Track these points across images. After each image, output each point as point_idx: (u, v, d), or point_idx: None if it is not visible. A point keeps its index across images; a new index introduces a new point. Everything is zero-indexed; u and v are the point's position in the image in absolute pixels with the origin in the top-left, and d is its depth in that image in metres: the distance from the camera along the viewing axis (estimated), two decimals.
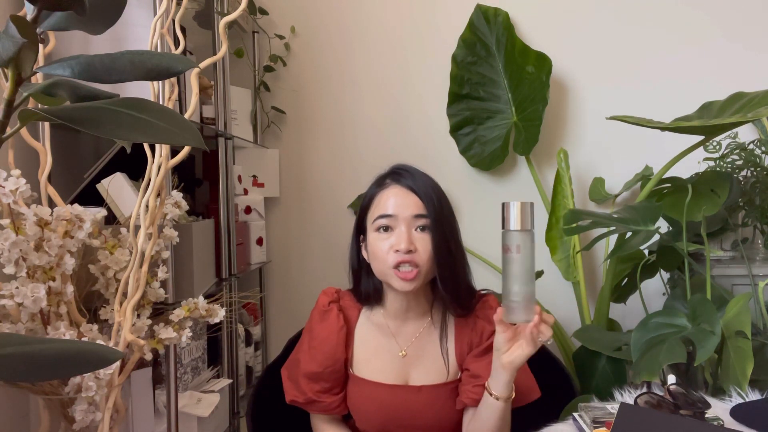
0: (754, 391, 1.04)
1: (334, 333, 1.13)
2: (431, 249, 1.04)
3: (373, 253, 1.07)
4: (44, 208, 0.91)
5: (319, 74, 2.19)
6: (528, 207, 0.92)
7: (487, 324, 1.12)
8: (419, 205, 1.05)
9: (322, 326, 1.15)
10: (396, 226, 1.05)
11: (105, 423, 0.95)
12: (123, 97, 0.50)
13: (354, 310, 1.17)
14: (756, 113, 1.32)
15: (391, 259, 1.03)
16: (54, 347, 0.47)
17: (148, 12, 1.29)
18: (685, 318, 1.31)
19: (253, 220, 2.05)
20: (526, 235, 0.92)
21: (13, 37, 0.43)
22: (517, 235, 0.92)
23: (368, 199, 1.11)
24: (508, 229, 0.93)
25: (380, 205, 1.07)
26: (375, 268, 1.08)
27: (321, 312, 1.16)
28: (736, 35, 1.98)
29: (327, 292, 1.19)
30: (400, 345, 1.14)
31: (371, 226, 1.08)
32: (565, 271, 1.89)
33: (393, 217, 1.05)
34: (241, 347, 1.86)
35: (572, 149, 2.02)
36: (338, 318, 1.14)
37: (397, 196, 1.06)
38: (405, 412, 1.10)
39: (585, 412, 0.95)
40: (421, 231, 1.05)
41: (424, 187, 1.07)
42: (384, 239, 1.05)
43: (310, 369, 1.13)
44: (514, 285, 0.92)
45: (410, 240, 1.03)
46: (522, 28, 2.06)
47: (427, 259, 1.04)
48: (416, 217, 1.05)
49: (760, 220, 1.76)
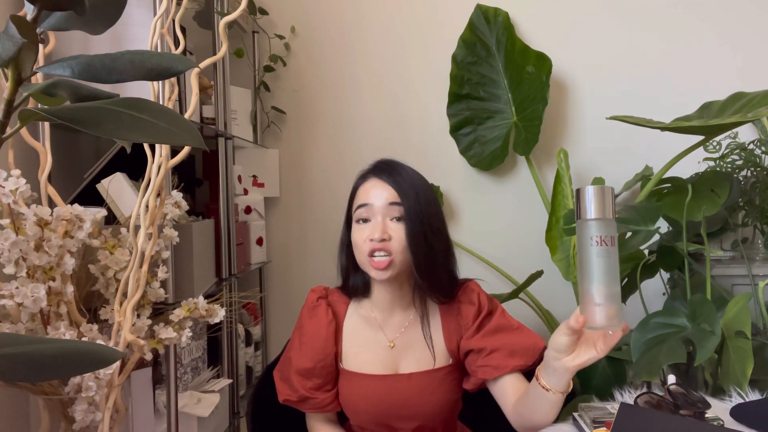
0: (754, 391, 1.04)
1: (323, 328, 1.15)
2: (405, 238, 1.07)
3: (354, 243, 1.11)
4: (44, 208, 0.91)
5: (319, 74, 2.19)
6: (610, 193, 0.79)
7: (470, 306, 1.15)
8: (394, 195, 1.08)
9: (311, 322, 1.17)
10: (372, 217, 1.09)
11: (105, 423, 0.95)
12: (123, 97, 0.50)
13: (342, 304, 1.19)
14: (756, 113, 1.32)
15: (367, 247, 1.07)
16: (54, 347, 0.47)
17: (148, 12, 1.29)
18: (685, 318, 1.31)
19: (253, 220, 2.05)
20: (610, 225, 0.79)
21: (13, 37, 0.43)
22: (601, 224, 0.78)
23: (352, 192, 1.16)
24: (588, 218, 0.78)
25: (359, 196, 1.12)
26: (357, 258, 1.12)
27: (310, 308, 1.18)
28: (736, 35, 1.98)
29: (315, 290, 1.21)
30: (387, 336, 1.15)
31: (354, 217, 1.12)
32: (565, 271, 1.89)
33: (369, 206, 1.09)
34: (241, 347, 1.86)
35: (572, 149, 2.02)
36: (327, 313, 1.16)
37: (374, 188, 1.10)
38: (396, 401, 1.11)
39: (585, 412, 0.95)
40: (397, 221, 1.08)
41: (401, 179, 1.10)
42: (362, 230, 1.09)
43: (302, 365, 1.14)
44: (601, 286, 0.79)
45: (384, 229, 1.07)
46: (522, 28, 2.06)
47: (401, 248, 1.06)
48: (390, 206, 1.08)
49: (760, 220, 1.76)
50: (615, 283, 0.79)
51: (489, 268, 2.03)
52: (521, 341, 1.11)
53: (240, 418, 1.76)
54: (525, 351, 1.10)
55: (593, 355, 0.87)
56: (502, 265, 2.03)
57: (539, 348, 1.11)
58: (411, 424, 1.12)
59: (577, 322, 0.83)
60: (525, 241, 2.06)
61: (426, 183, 1.13)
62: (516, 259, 2.06)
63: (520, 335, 1.13)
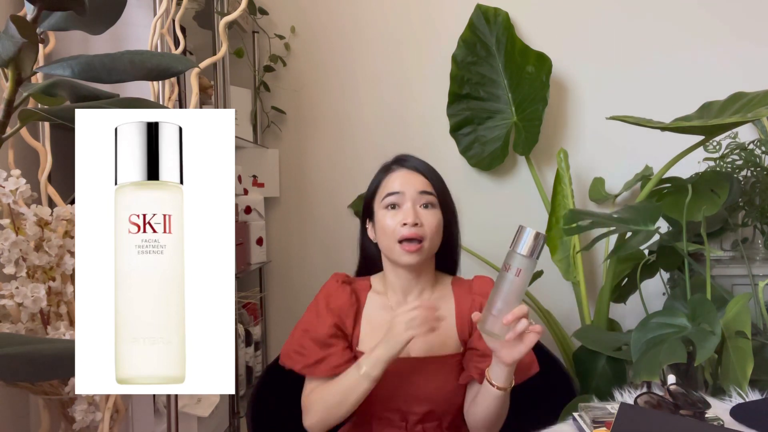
0: (754, 391, 1.04)
1: (347, 305, 1.16)
2: (435, 224, 1.11)
3: (381, 229, 1.13)
4: (44, 208, 0.91)
5: (319, 74, 2.19)
6: (541, 238, 0.96)
7: (484, 299, 1.14)
8: (425, 182, 1.14)
9: (336, 296, 1.17)
10: (403, 203, 1.12)
11: (105, 423, 0.95)
12: (123, 97, 0.50)
13: (363, 291, 1.20)
14: (756, 113, 1.32)
15: (399, 232, 1.10)
16: (54, 347, 0.47)
17: (148, 12, 1.29)
18: (685, 318, 1.31)
19: (253, 220, 2.05)
20: (530, 263, 0.96)
21: (13, 37, 0.43)
22: (523, 259, 0.95)
23: (375, 185, 1.18)
24: (515, 251, 0.95)
25: (388, 185, 1.15)
26: (382, 243, 1.14)
27: (334, 287, 1.19)
28: (736, 35, 1.98)
29: (338, 275, 1.22)
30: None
31: (380, 205, 1.15)
32: (565, 271, 1.89)
33: (400, 194, 1.12)
34: (241, 347, 1.86)
35: (572, 149, 2.02)
36: (351, 295, 1.18)
37: (404, 176, 1.14)
38: (407, 385, 1.12)
39: (585, 412, 0.95)
40: (425, 208, 1.12)
41: (428, 168, 1.17)
42: (392, 216, 1.12)
43: (321, 332, 1.13)
44: (499, 302, 0.95)
45: (416, 215, 1.10)
46: (522, 28, 2.06)
47: (431, 234, 1.11)
48: (422, 194, 1.12)
49: (760, 220, 1.76)
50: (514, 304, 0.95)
51: (489, 267, 2.03)
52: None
53: (240, 418, 1.76)
54: (515, 369, 1.09)
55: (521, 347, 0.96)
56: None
57: (530, 371, 1.12)
58: (421, 408, 1.13)
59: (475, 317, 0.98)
60: None
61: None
62: None
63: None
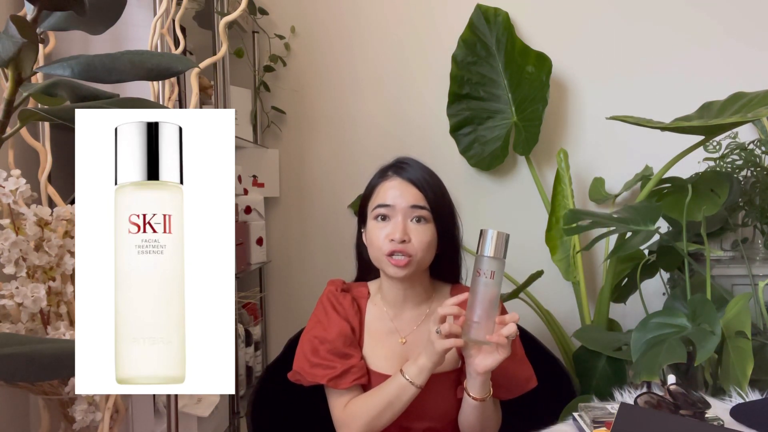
0: (754, 391, 1.04)
1: (352, 312, 1.15)
2: (426, 240, 1.08)
3: (370, 240, 1.11)
4: (44, 208, 0.91)
5: (319, 74, 2.19)
6: (503, 237, 0.96)
7: None
8: (418, 196, 1.09)
9: (340, 302, 1.16)
10: (393, 216, 1.09)
11: (105, 423, 0.95)
12: (123, 97, 0.50)
13: (363, 299, 1.19)
14: (756, 113, 1.32)
15: (386, 247, 1.07)
16: (54, 347, 0.47)
17: (148, 12, 1.29)
18: (685, 318, 1.31)
19: (253, 220, 2.05)
20: (500, 264, 0.96)
21: (13, 37, 0.43)
22: (492, 261, 0.96)
23: (370, 189, 1.15)
24: (483, 255, 0.96)
25: (380, 195, 1.12)
26: (371, 254, 1.12)
27: (334, 297, 1.17)
28: (736, 35, 1.98)
29: (335, 282, 1.20)
30: (400, 332, 1.15)
31: (371, 214, 1.12)
32: (565, 271, 1.89)
33: (390, 207, 1.09)
34: (241, 347, 1.86)
35: (572, 149, 2.02)
36: (353, 303, 1.17)
37: (396, 188, 1.10)
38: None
39: (585, 412, 0.95)
40: (417, 222, 1.09)
41: (423, 179, 1.11)
42: (381, 228, 1.09)
43: (339, 342, 1.11)
44: (478, 308, 0.95)
45: (405, 230, 1.07)
46: (522, 28, 2.06)
47: (420, 249, 1.07)
48: (413, 208, 1.09)
49: (760, 220, 1.76)
50: (492, 308, 0.96)
51: None
52: (513, 373, 1.09)
53: (240, 418, 1.76)
54: (510, 384, 1.10)
55: (495, 356, 0.97)
56: None
57: (527, 387, 1.12)
58: (422, 424, 1.12)
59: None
60: (525, 241, 2.06)
61: (443, 184, 1.15)
62: (516, 259, 2.05)
63: (516, 367, 1.11)
